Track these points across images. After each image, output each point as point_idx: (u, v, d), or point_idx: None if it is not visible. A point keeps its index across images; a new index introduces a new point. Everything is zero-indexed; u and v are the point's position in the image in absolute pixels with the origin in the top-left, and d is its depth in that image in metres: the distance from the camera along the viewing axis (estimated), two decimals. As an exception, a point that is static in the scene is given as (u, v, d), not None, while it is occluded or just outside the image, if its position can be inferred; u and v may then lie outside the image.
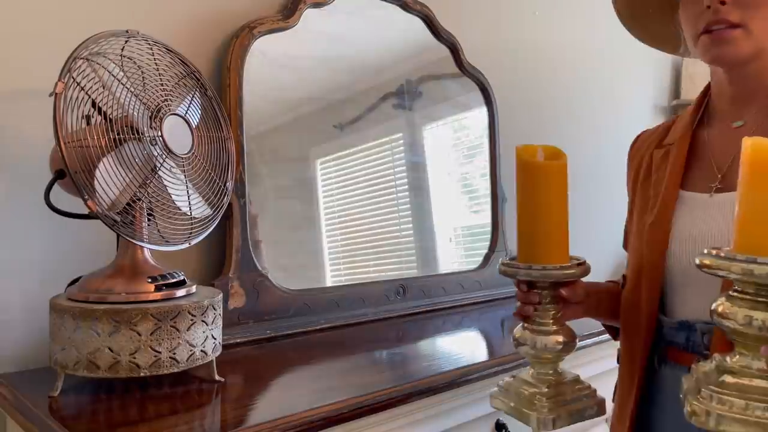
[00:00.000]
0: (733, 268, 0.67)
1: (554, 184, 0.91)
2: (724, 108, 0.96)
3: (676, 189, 0.96)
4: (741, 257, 0.66)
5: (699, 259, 0.70)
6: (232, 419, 0.96)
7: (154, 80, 1.06)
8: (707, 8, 0.86)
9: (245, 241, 1.40)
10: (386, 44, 1.74)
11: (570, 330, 0.98)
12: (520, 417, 0.94)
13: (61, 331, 1.00)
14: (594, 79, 2.44)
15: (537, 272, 0.91)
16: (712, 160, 0.95)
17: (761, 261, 0.65)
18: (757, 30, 0.85)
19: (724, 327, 0.71)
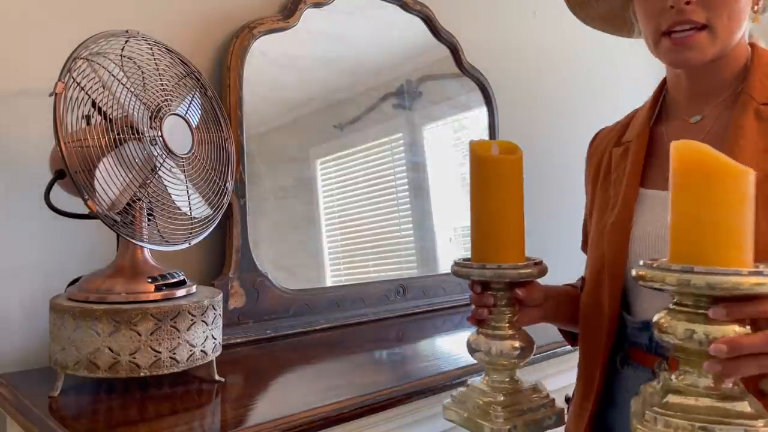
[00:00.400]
0: (668, 279, 0.62)
1: (509, 179, 0.86)
2: (682, 103, 0.93)
3: (635, 187, 0.93)
4: (676, 267, 0.62)
5: (635, 271, 0.67)
6: (232, 419, 0.96)
7: (154, 80, 1.06)
8: (670, 8, 0.82)
9: (245, 241, 1.40)
10: (386, 44, 1.74)
11: (527, 335, 0.91)
12: (474, 429, 0.86)
13: (61, 331, 1.00)
14: (594, 79, 2.44)
15: (491, 272, 0.85)
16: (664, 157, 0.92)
17: (698, 270, 0.61)
18: (722, 30, 0.82)
19: (665, 342, 0.67)
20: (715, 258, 0.62)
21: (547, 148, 2.25)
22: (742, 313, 0.62)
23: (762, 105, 0.83)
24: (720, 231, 0.62)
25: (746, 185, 0.62)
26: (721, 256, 0.61)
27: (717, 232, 0.62)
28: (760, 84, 0.84)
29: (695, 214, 0.63)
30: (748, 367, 0.63)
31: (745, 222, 0.62)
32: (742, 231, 0.62)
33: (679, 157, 0.65)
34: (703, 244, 0.63)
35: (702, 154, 0.63)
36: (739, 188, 0.62)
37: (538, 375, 1.39)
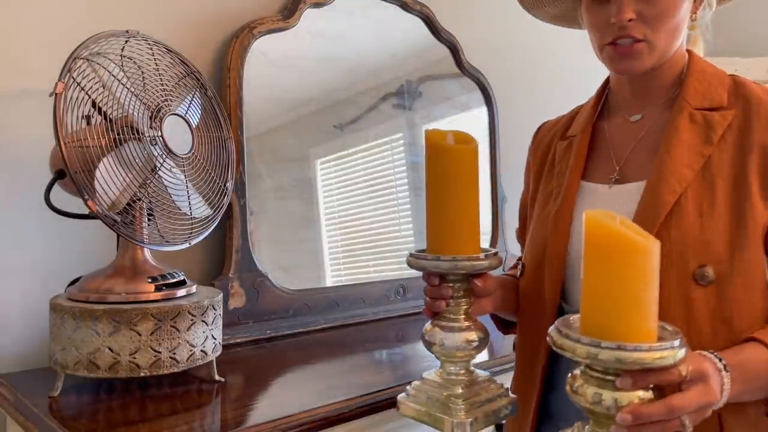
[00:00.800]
0: (577, 351, 0.66)
1: (465, 169, 0.86)
2: (623, 102, 0.99)
3: (577, 180, 0.97)
4: (585, 340, 0.65)
5: (548, 336, 0.70)
6: (232, 419, 0.96)
7: (154, 80, 1.06)
8: (613, 23, 0.88)
9: (245, 241, 1.40)
10: (386, 44, 1.74)
11: (482, 325, 0.90)
12: (433, 423, 0.84)
13: (61, 331, 1.00)
14: (594, 79, 2.43)
15: (446, 264, 0.84)
16: (612, 152, 0.97)
17: (605, 345, 0.64)
18: (659, 44, 0.89)
19: (575, 404, 0.70)
20: (621, 331, 0.65)
21: (547, 148, 2.25)
22: (646, 382, 0.67)
23: (695, 110, 0.90)
24: (626, 304, 0.65)
25: (651, 259, 0.65)
26: (627, 329, 0.65)
27: (623, 305, 0.65)
28: (694, 90, 0.91)
29: (604, 287, 0.66)
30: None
31: (650, 294, 0.66)
32: (646, 303, 0.66)
33: (590, 230, 0.67)
34: (610, 317, 0.66)
35: (610, 229, 0.65)
36: (644, 263, 0.65)
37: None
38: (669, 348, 0.64)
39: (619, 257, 0.65)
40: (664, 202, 0.85)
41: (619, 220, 0.66)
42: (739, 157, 0.85)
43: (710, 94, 0.91)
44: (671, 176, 0.86)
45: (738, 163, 0.85)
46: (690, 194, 0.85)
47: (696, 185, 0.85)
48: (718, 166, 0.85)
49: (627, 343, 0.64)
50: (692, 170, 0.85)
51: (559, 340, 0.68)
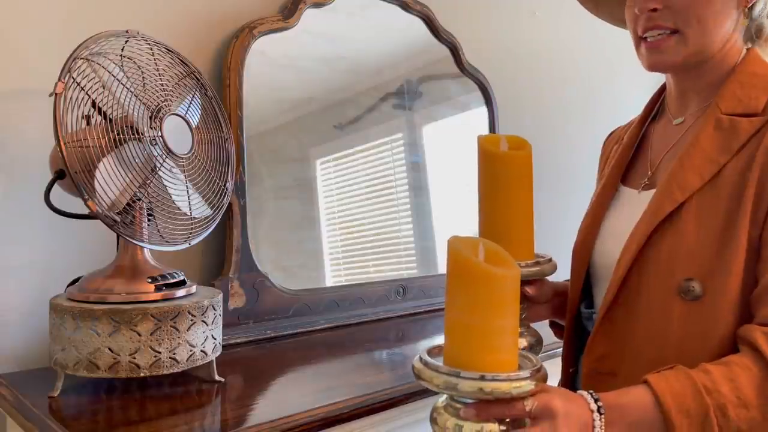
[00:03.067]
0: (435, 380, 0.65)
1: (518, 175, 0.84)
2: (671, 103, 0.96)
3: (613, 184, 0.96)
4: (444, 369, 0.64)
5: (413, 364, 0.69)
6: (232, 419, 0.96)
7: (154, 80, 1.06)
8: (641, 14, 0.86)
9: (245, 241, 1.40)
10: (386, 44, 1.74)
11: (536, 332, 0.90)
12: None
13: (61, 331, 1.00)
14: (594, 79, 2.44)
15: None
16: (649, 156, 0.95)
17: (464, 375, 0.63)
18: (692, 34, 0.83)
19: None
20: (481, 360, 0.64)
21: (547, 147, 2.25)
22: (489, 413, 0.66)
23: (724, 115, 0.83)
24: (484, 334, 0.64)
25: (506, 289, 0.64)
26: (486, 359, 0.64)
27: (481, 335, 0.64)
28: (731, 93, 0.84)
29: (462, 317, 0.65)
30: None
31: (509, 323, 0.65)
32: (504, 333, 0.65)
33: (450, 258, 0.66)
34: (470, 347, 0.65)
35: (465, 260, 0.65)
36: (499, 292, 0.64)
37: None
38: (519, 379, 0.63)
39: (475, 287, 0.64)
40: (661, 211, 0.82)
41: (483, 248, 0.66)
42: (747, 168, 0.79)
43: (747, 98, 0.83)
44: (674, 184, 0.82)
45: (743, 175, 0.79)
46: (694, 203, 0.80)
47: (703, 195, 0.80)
48: (730, 176, 0.80)
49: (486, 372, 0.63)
50: (700, 178, 0.81)
51: (420, 367, 0.67)
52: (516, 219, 0.85)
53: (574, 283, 0.95)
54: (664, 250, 0.81)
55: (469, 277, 0.65)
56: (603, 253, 0.92)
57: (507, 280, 0.65)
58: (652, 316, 0.81)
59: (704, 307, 0.78)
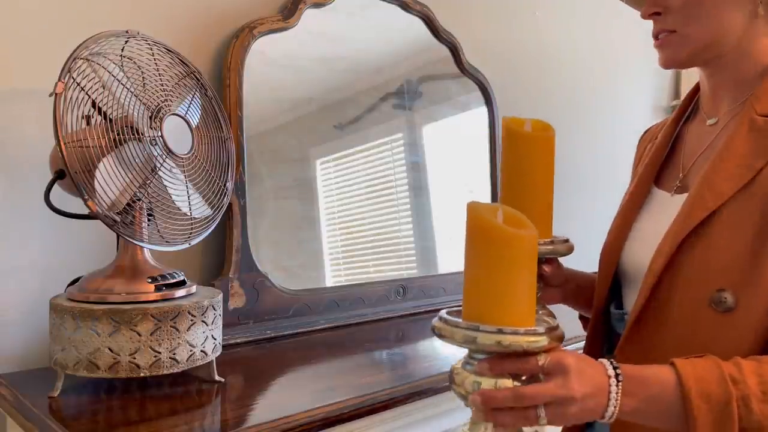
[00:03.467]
0: (456, 335, 0.67)
1: (540, 155, 0.87)
2: (705, 103, 0.93)
3: (645, 185, 0.94)
4: (464, 324, 0.66)
5: (432, 323, 0.71)
6: (232, 419, 0.96)
7: (154, 80, 1.06)
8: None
9: (245, 241, 1.40)
10: (386, 44, 1.74)
11: (551, 312, 0.90)
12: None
13: (61, 331, 1.00)
14: (594, 79, 2.44)
15: None
16: (682, 157, 0.92)
17: (483, 329, 0.65)
18: (691, 32, 0.84)
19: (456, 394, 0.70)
20: (499, 317, 0.66)
21: (547, 148, 2.25)
22: (502, 368, 0.68)
23: (760, 116, 0.81)
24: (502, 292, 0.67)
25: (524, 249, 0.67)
26: (504, 315, 0.66)
27: (499, 293, 0.67)
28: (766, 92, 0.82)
29: (482, 276, 0.68)
30: (503, 417, 0.68)
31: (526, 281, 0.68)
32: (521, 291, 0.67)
33: (469, 222, 0.69)
34: (488, 304, 0.67)
35: (485, 222, 0.68)
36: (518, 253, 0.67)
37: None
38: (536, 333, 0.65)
39: (495, 249, 0.67)
40: (692, 218, 0.79)
41: (502, 212, 0.68)
42: None
43: None
44: (707, 191, 0.79)
45: None
46: (727, 211, 0.77)
47: (736, 201, 0.77)
48: (766, 181, 0.76)
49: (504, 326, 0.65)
50: (734, 184, 0.77)
51: (440, 325, 0.69)
52: (535, 197, 0.87)
53: (601, 283, 0.94)
54: (696, 259, 0.78)
55: (487, 237, 0.67)
56: (632, 255, 0.91)
57: (524, 240, 0.67)
58: (682, 325, 0.78)
59: (736, 319, 0.74)
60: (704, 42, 0.84)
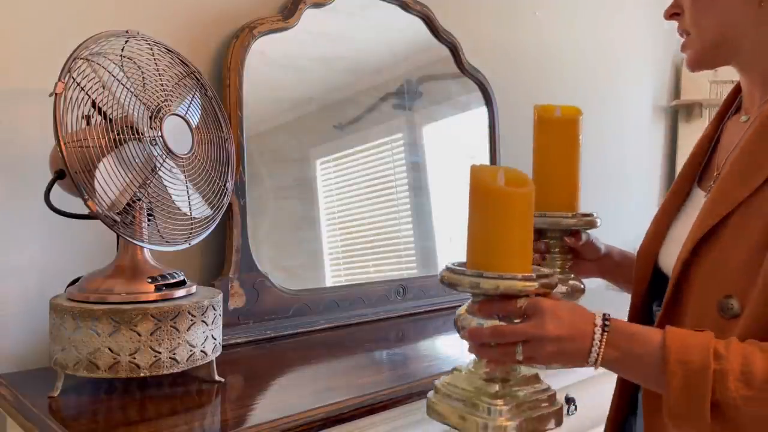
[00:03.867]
0: (463, 281, 0.76)
1: (568, 137, 0.99)
2: (744, 101, 0.91)
3: (685, 183, 0.93)
4: (469, 272, 0.76)
5: (440, 274, 0.80)
6: (232, 419, 0.96)
7: (154, 80, 1.06)
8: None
9: (245, 241, 1.40)
10: (386, 44, 1.74)
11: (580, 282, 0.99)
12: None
13: (61, 331, 1.00)
14: (594, 79, 2.44)
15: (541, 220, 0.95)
16: (717, 156, 0.91)
17: (486, 275, 0.74)
18: (699, 32, 0.84)
19: (461, 334, 0.79)
20: (498, 266, 0.75)
21: (547, 148, 2.25)
22: (491, 310, 0.77)
23: None
24: (500, 243, 0.76)
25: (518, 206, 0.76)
26: (502, 264, 0.76)
27: (497, 244, 0.76)
28: None
29: (482, 230, 0.78)
30: (487, 352, 0.77)
31: (520, 234, 0.77)
32: (517, 242, 0.77)
33: (472, 181, 0.78)
34: (489, 255, 0.76)
35: (483, 182, 0.77)
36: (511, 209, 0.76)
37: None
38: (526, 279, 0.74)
39: (492, 204, 0.76)
40: (705, 225, 0.78)
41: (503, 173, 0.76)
42: None
43: None
44: (720, 196, 0.79)
45: None
46: (737, 215, 0.76)
47: (748, 205, 0.75)
48: None
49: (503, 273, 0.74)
50: (747, 188, 0.76)
51: (447, 275, 0.78)
52: (562, 176, 0.98)
53: (638, 281, 0.92)
54: (707, 265, 0.78)
55: (485, 196, 0.77)
56: (666, 257, 0.90)
57: (516, 197, 0.76)
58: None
59: (741, 326, 0.73)
60: (714, 39, 0.83)
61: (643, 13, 2.64)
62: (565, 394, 1.44)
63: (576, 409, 1.44)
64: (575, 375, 1.47)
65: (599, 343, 0.72)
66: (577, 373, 1.48)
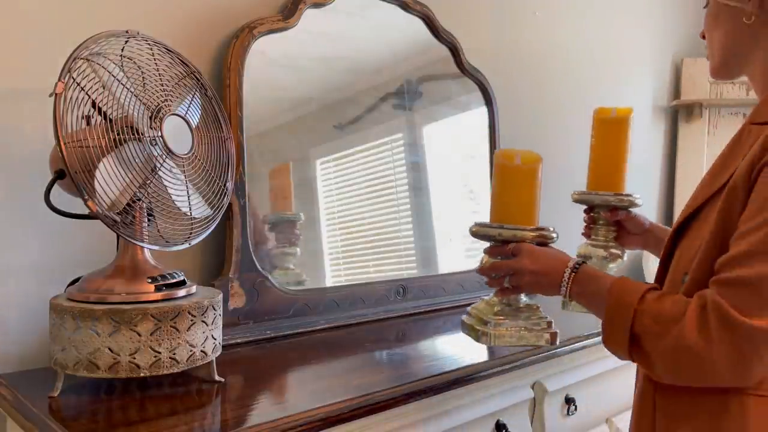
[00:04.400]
0: (490, 232, 1.06)
1: (620, 133, 1.25)
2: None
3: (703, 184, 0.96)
4: (494, 225, 1.07)
5: (470, 228, 1.09)
6: (232, 419, 0.96)
7: (154, 80, 1.06)
8: None
9: (245, 241, 1.40)
10: (386, 44, 1.74)
11: (618, 248, 1.24)
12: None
13: (61, 331, 1.00)
14: (594, 79, 2.44)
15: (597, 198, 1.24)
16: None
17: (506, 227, 1.05)
18: (712, 53, 0.96)
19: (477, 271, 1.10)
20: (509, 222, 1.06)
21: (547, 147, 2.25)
22: (495, 252, 1.07)
23: (752, 124, 0.88)
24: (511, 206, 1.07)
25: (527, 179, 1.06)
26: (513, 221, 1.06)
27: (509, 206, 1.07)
28: (762, 103, 0.90)
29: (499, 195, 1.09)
30: (490, 282, 1.07)
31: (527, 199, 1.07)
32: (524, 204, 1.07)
33: (495, 160, 1.08)
34: (503, 214, 1.08)
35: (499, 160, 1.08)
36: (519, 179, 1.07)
37: (539, 375, 1.39)
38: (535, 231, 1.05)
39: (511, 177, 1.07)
40: (684, 214, 0.92)
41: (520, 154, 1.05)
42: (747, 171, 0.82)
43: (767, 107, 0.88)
44: (698, 191, 0.92)
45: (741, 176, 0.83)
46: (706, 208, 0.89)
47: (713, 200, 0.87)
48: (734, 180, 0.84)
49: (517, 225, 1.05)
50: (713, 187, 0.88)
51: (476, 227, 1.09)
52: (613, 164, 1.25)
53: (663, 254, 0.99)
54: (680, 249, 0.92)
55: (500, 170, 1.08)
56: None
57: (522, 171, 1.06)
58: None
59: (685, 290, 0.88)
60: (722, 55, 0.94)
61: (643, 13, 2.64)
62: (565, 394, 1.44)
63: (576, 409, 1.44)
64: (575, 375, 1.47)
65: (567, 280, 0.96)
66: (578, 374, 1.48)
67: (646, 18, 2.65)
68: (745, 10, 0.88)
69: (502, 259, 1.04)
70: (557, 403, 1.42)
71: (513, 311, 1.08)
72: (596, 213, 1.24)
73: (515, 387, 1.33)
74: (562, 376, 1.44)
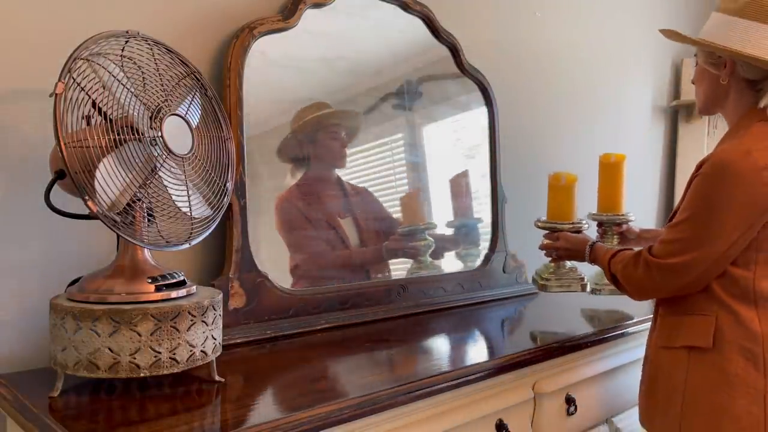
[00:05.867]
0: (546, 226, 1.69)
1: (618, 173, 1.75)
2: None
3: None
4: (549, 222, 1.70)
5: (535, 223, 1.73)
6: (232, 419, 0.96)
7: (154, 80, 1.06)
8: None
9: (245, 241, 1.40)
10: (386, 45, 1.74)
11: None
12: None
13: (62, 331, 1.00)
14: (594, 79, 2.44)
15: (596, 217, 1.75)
16: None
17: (559, 224, 1.68)
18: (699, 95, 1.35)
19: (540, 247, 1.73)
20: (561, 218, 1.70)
21: (547, 148, 2.25)
22: (548, 236, 1.69)
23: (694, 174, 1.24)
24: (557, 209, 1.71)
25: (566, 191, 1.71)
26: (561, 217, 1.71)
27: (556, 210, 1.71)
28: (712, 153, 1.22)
29: (551, 202, 1.73)
30: (548, 254, 1.70)
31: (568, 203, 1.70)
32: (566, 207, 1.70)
33: (550, 181, 1.74)
34: (554, 214, 1.72)
35: (551, 180, 1.74)
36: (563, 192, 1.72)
37: (539, 375, 1.39)
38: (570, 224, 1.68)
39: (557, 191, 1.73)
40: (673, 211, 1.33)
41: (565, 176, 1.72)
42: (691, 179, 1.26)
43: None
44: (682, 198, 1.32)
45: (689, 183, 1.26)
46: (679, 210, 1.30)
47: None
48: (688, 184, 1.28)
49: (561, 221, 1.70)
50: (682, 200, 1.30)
51: (540, 223, 1.71)
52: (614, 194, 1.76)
53: None
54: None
55: (552, 186, 1.73)
56: None
57: (563, 188, 1.71)
58: None
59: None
60: (704, 100, 1.34)
61: (643, 13, 2.64)
62: (565, 394, 1.44)
63: (576, 409, 1.44)
64: (575, 375, 1.47)
65: (587, 252, 1.51)
66: (578, 374, 1.48)
67: (646, 18, 2.65)
68: (720, 75, 1.26)
69: (552, 242, 1.65)
70: (557, 403, 1.42)
71: (560, 271, 1.74)
72: (606, 226, 1.73)
73: (515, 387, 1.33)
74: (562, 376, 1.44)
